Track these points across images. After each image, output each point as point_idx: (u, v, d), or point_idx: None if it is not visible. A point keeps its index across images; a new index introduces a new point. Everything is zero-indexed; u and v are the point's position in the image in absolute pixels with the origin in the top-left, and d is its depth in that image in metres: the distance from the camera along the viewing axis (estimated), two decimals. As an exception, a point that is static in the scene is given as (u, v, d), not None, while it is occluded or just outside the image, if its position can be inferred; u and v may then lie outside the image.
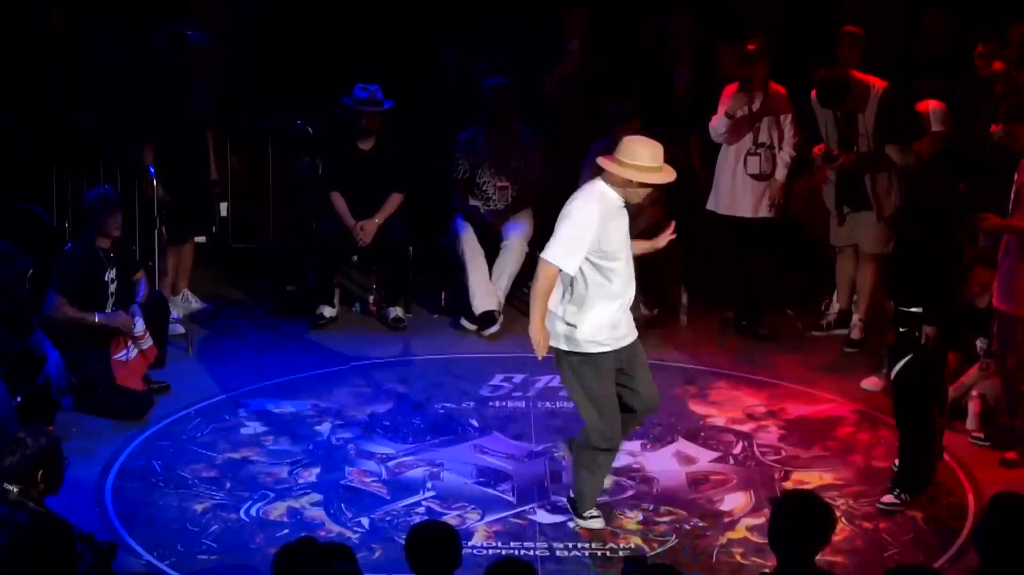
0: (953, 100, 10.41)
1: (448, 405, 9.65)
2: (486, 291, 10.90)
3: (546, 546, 7.92)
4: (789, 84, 10.68)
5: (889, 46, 11.38)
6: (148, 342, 9.55)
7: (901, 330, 8.37)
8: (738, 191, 10.67)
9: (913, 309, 8.31)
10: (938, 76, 10.93)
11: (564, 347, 7.83)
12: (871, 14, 11.54)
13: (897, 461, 8.48)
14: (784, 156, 10.61)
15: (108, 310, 9.42)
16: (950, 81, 10.89)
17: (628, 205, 7.85)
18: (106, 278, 9.43)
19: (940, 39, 11.36)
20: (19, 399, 8.64)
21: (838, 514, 7.45)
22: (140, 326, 9.49)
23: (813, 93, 10.39)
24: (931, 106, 9.94)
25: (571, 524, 8.14)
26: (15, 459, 6.54)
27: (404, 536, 5.95)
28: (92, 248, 9.43)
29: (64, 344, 9.10)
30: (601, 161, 7.79)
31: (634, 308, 10.71)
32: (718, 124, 10.52)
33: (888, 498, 8.35)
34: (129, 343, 9.46)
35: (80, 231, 10.18)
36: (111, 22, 11.76)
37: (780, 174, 10.62)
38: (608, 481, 8.49)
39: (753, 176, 10.62)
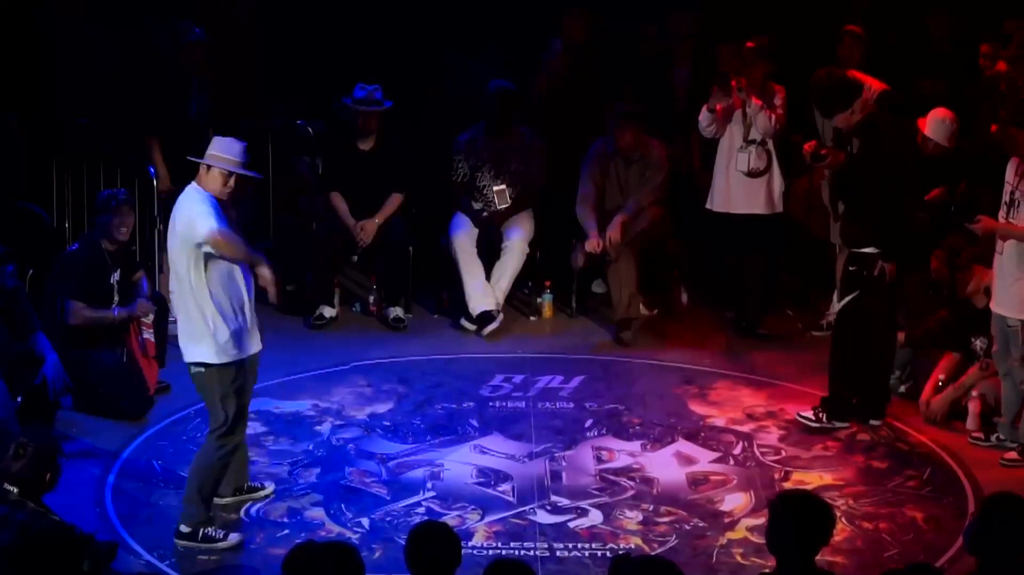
0: (960, 101, 10.42)
1: (448, 405, 9.65)
2: (482, 292, 10.91)
3: (546, 546, 7.92)
4: (789, 83, 10.68)
5: (894, 46, 11.40)
6: (151, 333, 9.61)
7: (851, 269, 9.04)
8: (732, 188, 10.67)
9: (866, 250, 8.98)
10: (942, 77, 10.94)
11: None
12: (874, 13, 11.57)
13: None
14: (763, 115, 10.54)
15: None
16: (956, 82, 10.90)
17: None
18: (111, 280, 9.44)
19: (945, 40, 11.37)
20: (19, 399, 8.64)
21: (838, 514, 7.45)
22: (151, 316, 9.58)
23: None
24: (935, 117, 9.80)
25: (571, 524, 8.15)
26: (24, 463, 6.54)
27: (404, 536, 5.94)
28: (97, 249, 9.43)
29: (77, 344, 9.14)
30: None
31: (634, 308, 10.83)
32: (701, 118, 10.57)
33: (809, 414, 9.24)
34: (143, 328, 9.50)
35: (84, 232, 10.19)
36: (110, 21, 11.77)
37: (759, 161, 10.57)
38: (607, 481, 8.55)
39: (744, 173, 10.62)
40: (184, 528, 7.88)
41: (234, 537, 7.92)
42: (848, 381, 9.24)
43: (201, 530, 7.86)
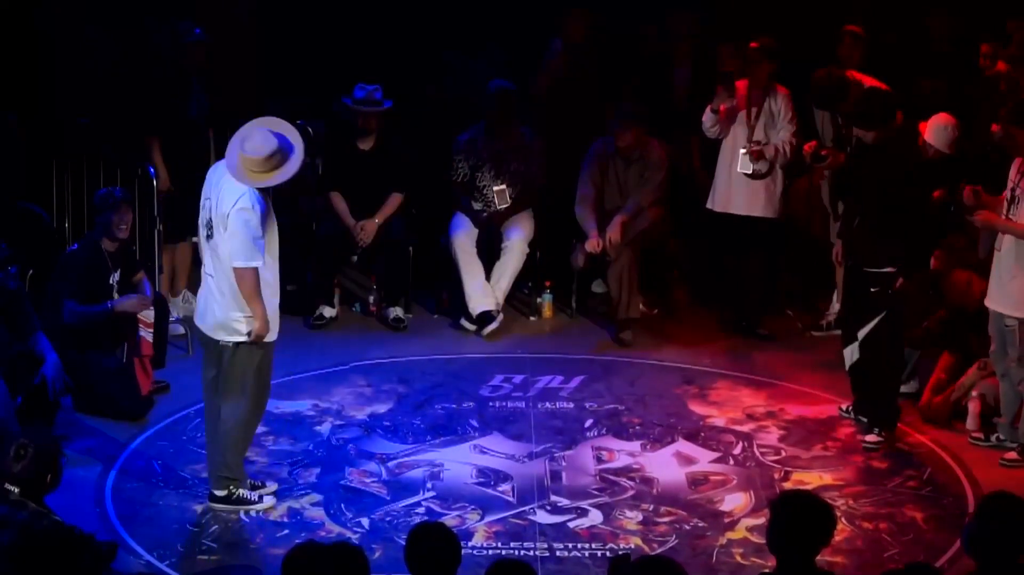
0: (960, 101, 10.41)
1: (448, 405, 9.65)
2: (482, 292, 10.91)
3: (546, 546, 7.92)
4: (791, 83, 10.68)
5: (894, 46, 11.40)
6: (147, 332, 9.62)
7: (874, 290, 8.88)
8: (733, 189, 10.67)
9: (887, 269, 8.85)
10: (942, 77, 10.94)
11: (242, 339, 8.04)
12: (874, 13, 11.57)
13: (848, 406, 9.36)
14: (771, 148, 10.53)
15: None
16: (956, 82, 10.90)
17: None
18: (111, 281, 9.43)
19: (945, 40, 11.37)
20: (19, 400, 8.64)
21: (838, 514, 7.45)
22: (151, 315, 9.54)
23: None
24: (937, 123, 9.78)
25: (571, 524, 8.15)
26: (25, 464, 6.54)
27: (404, 536, 5.93)
28: (97, 250, 9.42)
29: (77, 344, 9.13)
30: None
31: (634, 308, 10.83)
32: (705, 119, 10.56)
33: (871, 437, 9.04)
34: (140, 326, 9.50)
35: (84, 233, 10.18)
36: (110, 21, 11.77)
37: (762, 165, 10.56)
38: (607, 481, 8.55)
39: (746, 175, 10.61)
40: (218, 492, 8.17)
41: (268, 499, 8.23)
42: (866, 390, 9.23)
43: (233, 493, 8.17)
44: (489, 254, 11.11)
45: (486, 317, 10.82)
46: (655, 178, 10.90)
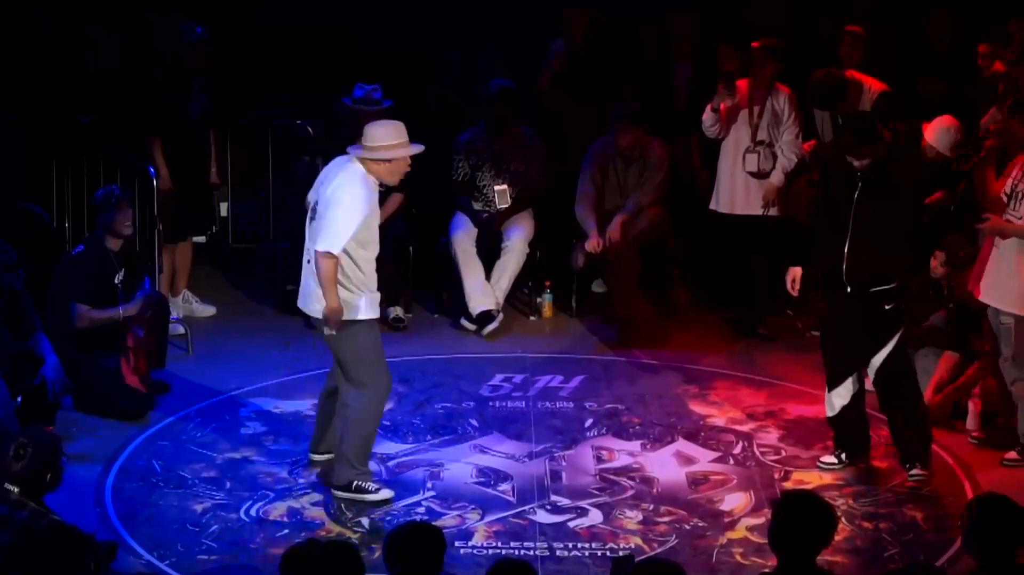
0: (959, 101, 10.41)
1: (448, 405, 9.65)
2: (482, 292, 10.91)
3: (546, 546, 7.92)
4: (791, 83, 10.68)
5: (894, 46, 11.40)
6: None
7: (888, 307, 8.51)
8: (738, 189, 10.66)
9: (893, 284, 8.50)
10: (942, 77, 10.95)
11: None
12: (874, 13, 11.58)
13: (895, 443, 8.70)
14: (783, 160, 10.58)
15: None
16: (955, 82, 10.90)
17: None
18: (116, 280, 9.43)
19: (944, 40, 11.37)
20: (19, 400, 8.64)
21: (838, 514, 7.45)
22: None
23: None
24: (940, 125, 9.74)
25: (571, 524, 8.15)
26: (25, 463, 6.54)
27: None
28: (102, 249, 9.42)
29: (78, 345, 9.13)
30: (355, 152, 8.24)
31: (634, 307, 10.82)
32: (705, 118, 10.55)
33: (915, 472, 8.56)
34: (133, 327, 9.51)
35: (86, 234, 10.18)
36: (111, 20, 11.79)
37: (776, 177, 10.59)
38: (607, 481, 8.56)
39: (752, 174, 10.62)
40: (339, 482, 8.29)
41: (385, 492, 8.27)
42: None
43: (355, 482, 8.25)
44: (489, 254, 11.11)
45: (486, 317, 10.83)
46: (655, 178, 10.90)
